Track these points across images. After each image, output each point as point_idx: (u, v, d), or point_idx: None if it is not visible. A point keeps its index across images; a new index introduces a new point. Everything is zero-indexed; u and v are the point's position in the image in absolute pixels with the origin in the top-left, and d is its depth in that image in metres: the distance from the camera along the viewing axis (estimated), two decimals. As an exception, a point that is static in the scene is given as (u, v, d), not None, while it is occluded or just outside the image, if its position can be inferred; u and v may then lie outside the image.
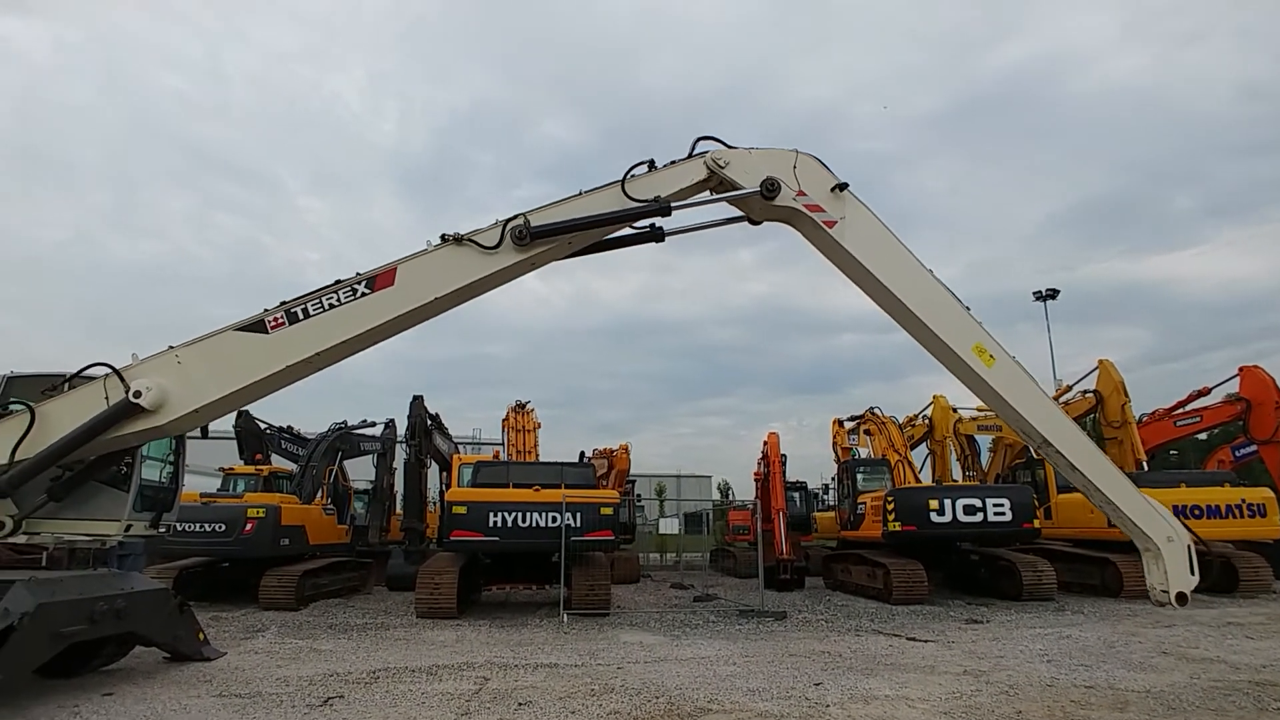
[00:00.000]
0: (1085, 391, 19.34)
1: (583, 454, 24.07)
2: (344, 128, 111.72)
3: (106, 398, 6.76)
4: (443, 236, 7.12)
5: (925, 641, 10.04)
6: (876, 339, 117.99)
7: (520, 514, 12.27)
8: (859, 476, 18.90)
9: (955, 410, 22.30)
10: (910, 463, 18.67)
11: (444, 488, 20.19)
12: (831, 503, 25.24)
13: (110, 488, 7.93)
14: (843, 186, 7.64)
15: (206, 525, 13.93)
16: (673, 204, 7.47)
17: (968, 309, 7.69)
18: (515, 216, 7.16)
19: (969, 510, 14.59)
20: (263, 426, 19.11)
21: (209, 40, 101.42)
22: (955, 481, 21.12)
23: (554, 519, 12.32)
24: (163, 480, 8.87)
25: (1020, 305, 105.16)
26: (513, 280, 7.58)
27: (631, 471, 25.14)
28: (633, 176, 7.47)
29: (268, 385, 7.02)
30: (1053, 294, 38.33)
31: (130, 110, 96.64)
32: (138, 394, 6.61)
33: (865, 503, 17.62)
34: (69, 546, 10.13)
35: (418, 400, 17.28)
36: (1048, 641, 9.90)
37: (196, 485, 14.37)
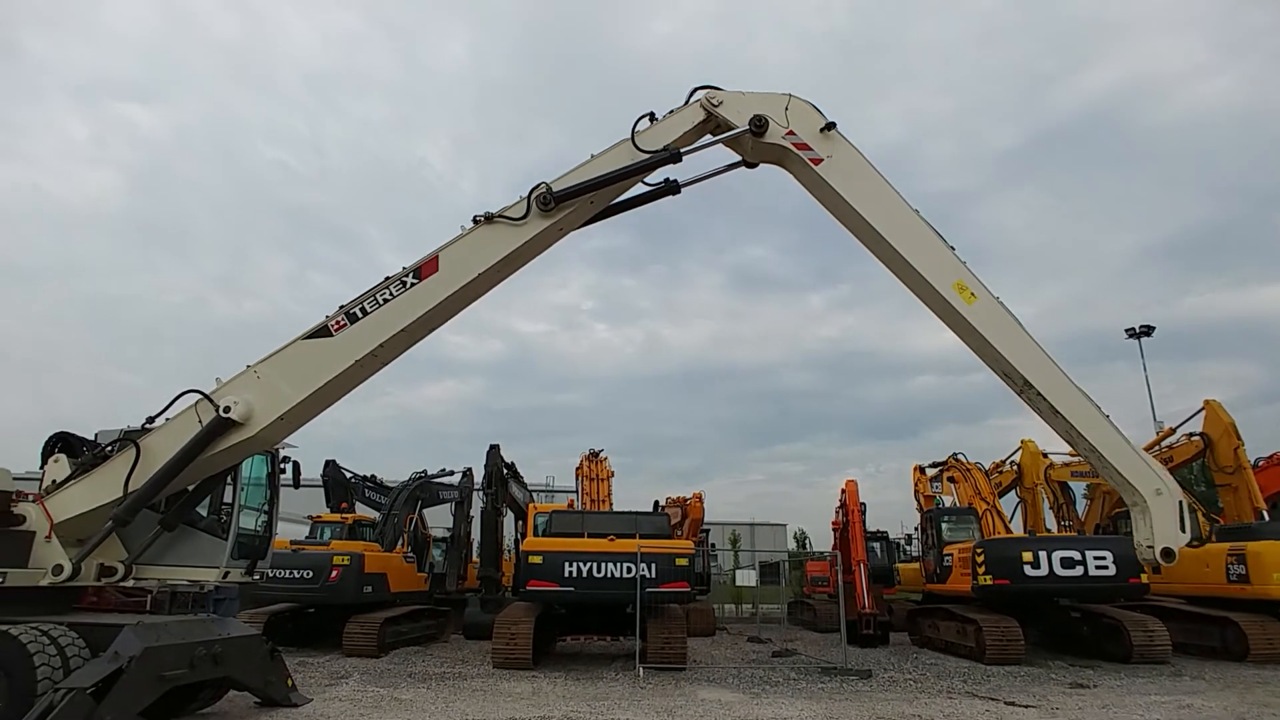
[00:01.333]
0: (1191, 435, 18.03)
1: (657, 503, 23.92)
2: (429, 189, 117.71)
3: (200, 420, 7.25)
4: (474, 219, 7.49)
5: (1025, 707, 9.38)
6: (955, 381, 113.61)
7: (595, 564, 12.23)
8: (944, 526, 18.07)
9: (1046, 455, 21.15)
10: (1000, 512, 17.75)
11: (519, 536, 20.39)
12: (915, 554, 24.16)
13: (210, 536, 8.36)
14: (831, 125, 7.78)
15: (295, 572, 14.44)
16: (681, 150, 7.78)
17: (952, 248, 7.69)
18: (538, 185, 7.50)
19: (1067, 563, 13.69)
20: (348, 475, 19.83)
21: (309, 115, 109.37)
22: (1050, 532, 19.92)
23: (629, 570, 12.22)
24: (258, 529, 9.27)
25: (1113, 343, 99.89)
26: (545, 250, 7.94)
27: (705, 520, 24.80)
28: (639, 131, 7.77)
29: (340, 384, 7.45)
30: (1147, 330, 36.25)
31: (240, 183, 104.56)
32: (227, 409, 7.10)
33: (952, 554, 16.80)
34: (171, 590, 10.71)
35: (494, 449, 17.60)
36: (1165, 710, 9.09)
37: (286, 532, 14.95)
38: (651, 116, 7.94)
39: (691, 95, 8.01)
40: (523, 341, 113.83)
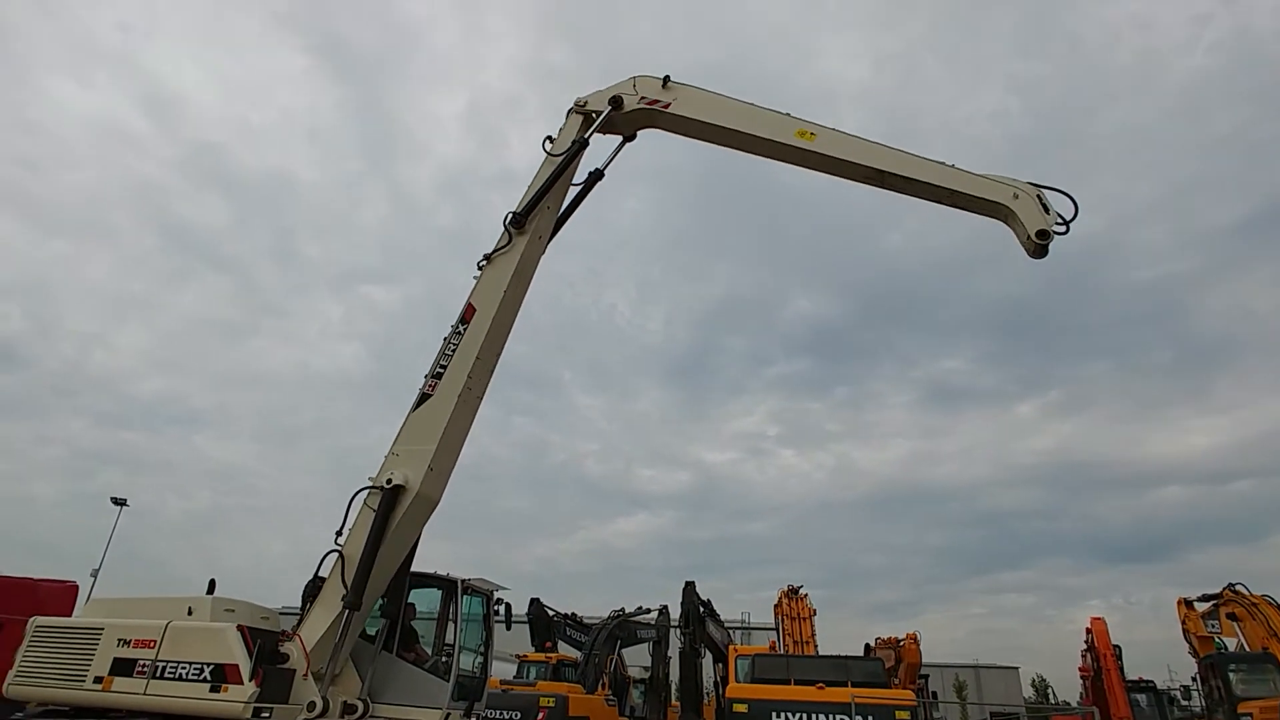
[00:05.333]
0: None
1: (868, 646, 22.04)
2: (618, 331, 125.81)
3: (373, 509, 8.26)
4: (478, 264, 9.47)
5: None
6: (1213, 491, 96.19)
7: (805, 715, 11.33)
8: (1233, 677, 14.88)
9: (1363, 586, 17.00)
10: (1309, 659, 14.35)
11: (719, 678, 19.52)
12: (1196, 709, 19.94)
13: (434, 676, 8.86)
14: (667, 78, 9.75)
15: (504, 713, 14.70)
16: (584, 138, 9.87)
17: (787, 114, 9.20)
18: (507, 214, 9.54)
19: None
20: (550, 614, 20.32)
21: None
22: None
23: (843, 721, 11.19)
24: (474, 670, 9.69)
25: None
26: (538, 259, 9.79)
27: (922, 663, 22.32)
28: (549, 147, 9.95)
29: (457, 422, 8.87)
30: None
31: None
32: (389, 480, 8.26)
33: (1251, 714, 13.68)
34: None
35: (689, 586, 17.32)
36: None
37: (495, 671, 15.43)
38: (550, 139, 10.04)
39: (569, 111, 10.20)
40: (709, 471, 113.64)
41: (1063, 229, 7.62)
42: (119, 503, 33.75)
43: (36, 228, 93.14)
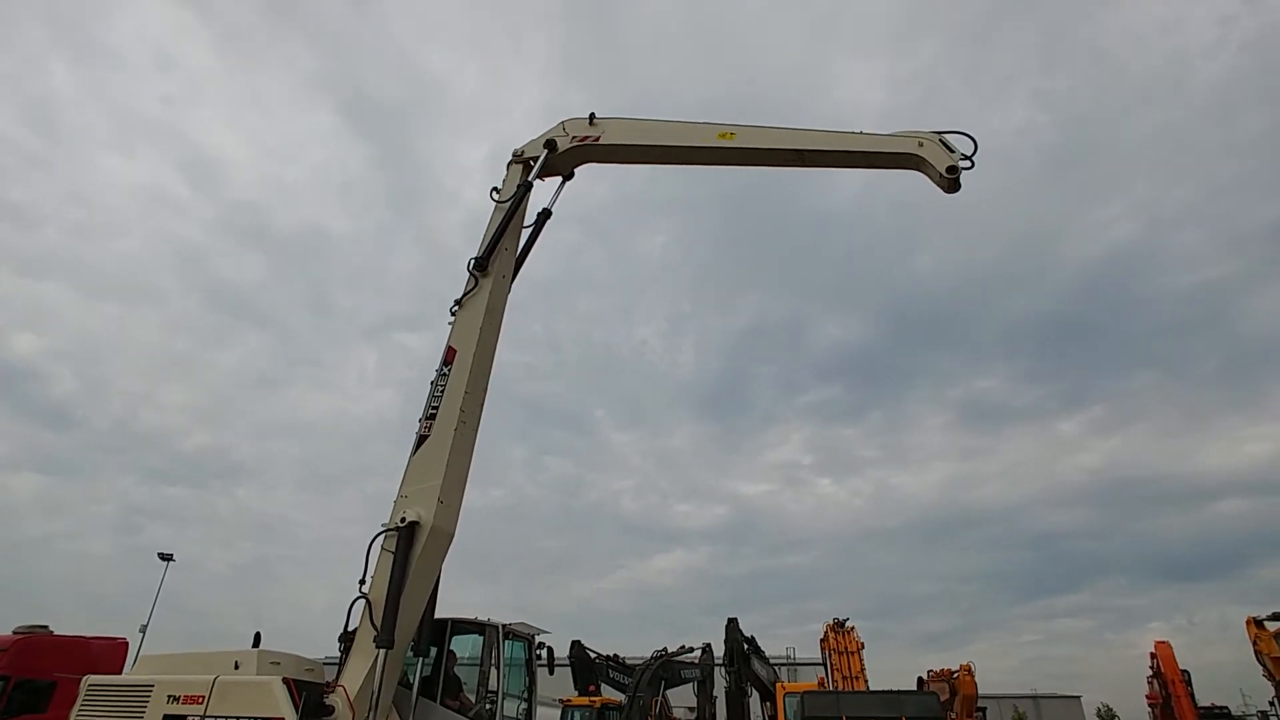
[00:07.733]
0: None
1: (920, 679, 21.35)
2: (649, 367, 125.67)
3: (392, 551, 8.30)
4: (451, 310, 9.94)
5: None
6: (1275, 502, 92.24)
7: (860, 754, 10.99)
8: (1313, 700, 14.11)
9: None
10: (1394, 679, 13.56)
11: (767, 718, 19.01)
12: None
13: (480, 724, 8.80)
14: (593, 115, 10.41)
15: (550, 760, 14.49)
16: (528, 181, 10.35)
17: (707, 122, 9.76)
18: (469, 260, 9.98)
19: None
20: (592, 655, 20.07)
21: (544, 318, 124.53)
22: None
23: (900, 760, 10.81)
24: (519, 716, 9.61)
25: None
26: (507, 296, 10.25)
27: (978, 694, 21.51)
28: (496, 196, 10.53)
29: (457, 454, 8.99)
30: None
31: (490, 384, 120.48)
32: (403, 519, 8.35)
33: (1335, 740, 12.92)
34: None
35: (732, 623, 17.00)
36: None
37: (540, 716, 15.21)
38: (496, 189, 10.65)
39: (509, 162, 10.90)
40: (745, 504, 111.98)
41: (968, 164, 8.05)
42: (165, 558, 34.32)
43: (87, 293, 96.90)
